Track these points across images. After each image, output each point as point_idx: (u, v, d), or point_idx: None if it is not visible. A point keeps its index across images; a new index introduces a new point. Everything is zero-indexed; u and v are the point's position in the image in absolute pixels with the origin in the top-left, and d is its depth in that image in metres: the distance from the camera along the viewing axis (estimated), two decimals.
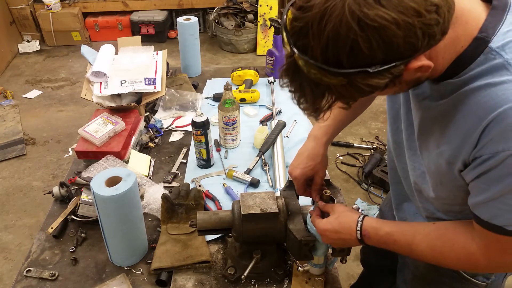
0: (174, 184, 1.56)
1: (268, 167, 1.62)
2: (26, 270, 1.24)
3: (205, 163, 1.62)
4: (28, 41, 4.88)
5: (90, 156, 1.57)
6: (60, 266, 1.26)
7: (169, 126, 1.87)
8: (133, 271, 1.25)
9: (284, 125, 1.74)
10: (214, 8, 4.65)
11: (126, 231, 1.20)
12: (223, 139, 1.71)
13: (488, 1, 0.74)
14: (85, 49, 1.91)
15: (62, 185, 1.46)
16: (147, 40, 4.29)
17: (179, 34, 2.18)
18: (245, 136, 1.79)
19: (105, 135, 1.58)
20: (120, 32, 4.83)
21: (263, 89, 2.12)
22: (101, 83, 1.78)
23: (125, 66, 1.87)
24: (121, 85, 1.77)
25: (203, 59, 3.16)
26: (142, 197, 1.44)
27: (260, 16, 4.49)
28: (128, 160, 1.60)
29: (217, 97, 2.03)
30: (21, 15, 4.75)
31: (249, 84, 2.11)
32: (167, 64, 2.06)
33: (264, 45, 4.58)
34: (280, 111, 1.95)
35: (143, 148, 1.72)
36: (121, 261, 1.26)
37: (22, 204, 2.82)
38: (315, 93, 0.70)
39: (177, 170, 1.63)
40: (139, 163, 1.61)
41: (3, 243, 2.55)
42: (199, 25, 4.69)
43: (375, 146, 3.23)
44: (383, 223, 0.94)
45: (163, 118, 1.92)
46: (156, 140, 1.78)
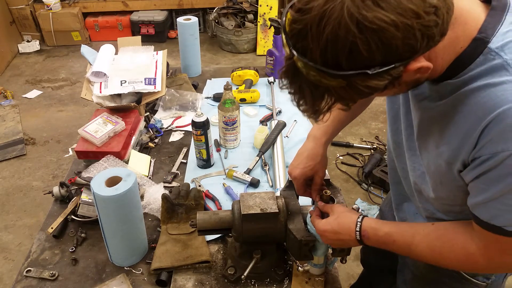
0: (174, 184, 1.56)
1: (268, 167, 1.62)
2: (26, 270, 1.24)
3: (205, 163, 1.62)
4: (28, 41, 4.88)
5: (90, 156, 1.57)
6: (60, 266, 1.26)
7: (169, 126, 1.87)
8: (133, 271, 1.25)
9: (284, 125, 1.74)
10: (214, 8, 4.65)
11: (126, 231, 1.20)
12: (223, 139, 1.72)
13: (487, 1, 0.74)
14: (85, 49, 1.91)
15: (62, 185, 1.46)
16: (147, 40, 4.30)
17: (179, 34, 2.18)
18: (245, 136, 1.79)
19: (105, 135, 1.58)
20: (120, 32, 4.83)
21: (263, 89, 2.12)
22: (101, 83, 1.78)
23: (125, 66, 1.87)
24: (121, 85, 1.77)
25: (203, 59, 3.16)
26: (142, 197, 1.44)
27: (260, 16, 4.49)
28: (128, 160, 1.60)
29: (217, 97, 2.03)
30: (21, 15, 4.75)
31: (249, 84, 2.11)
32: (167, 64, 2.06)
33: (264, 45, 4.58)
34: (280, 111, 1.95)
35: (143, 148, 1.72)
36: (121, 261, 1.26)
37: (22, 204, 2.82)
38: (314, 95, 0.70)
39: (177, 170, 1.63)
40: (139, 163, 1.61)
41: (3, 243, 2.55)
42: (199, 25, 4.70)
43: (375, 146, 3.23)
44: (382, 223, 0.94)
45: (163, 118, 1.92)
46: (156, 140, 1.78)
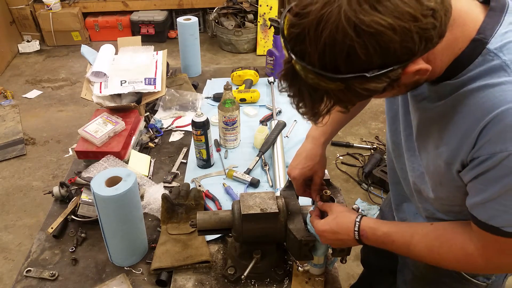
0: (174, 184, 1.56)
1: (268, 167, 1.62)
2: (26, 270, 1.24)
3: (205, 163, 1.62)
4: (28, 41, 4.88)
5: (90, 156, 1.57)
6: (60, 266, 1.27)
7: (169, 126, 1.88)
8: (133, 271, 1.25)
9: (284, 125, 1.74)
10: (214, 8, 4.64)
11: (126, 231, 1.20)
12: (223, 139, 1.72)
13: (485, 2, 0.74)
14: (85, 49, 1.91)
15: (62, 185, 1.46)
16: (147, 40, 4.30)
17: (179, 34, 2.18)
18: (245, 136, 1.79)
19: (105, 135, 1.58)
20: (120, 32, 4.83)
21: (263, 89, 2.12)
22: (101, 83, 1.78)
23: (125, 66, 1.87)
24: (121, 85, 1.77)
25: (203, 59, 3.16)
26: (142, 197, 1.44)
27: (260, 16, 4.49)
28: (128, 160, 1.60)
29: (217, 97, 2.03)
30: (21, 15, 4.75)
31: (249, 84, 2.11)
32: (167, 64, 2.06)
33: (264, 45, 4.58)
34: (280, 111, 1.95)
35: (143, 148, 1.73)
36: (121, 261, 1.26)
37: (22, 204, 2.82)
38: (313, 97, 0.70)
39: (177, 170, 1.63)
40: (139, 163, 1.61)
41: (3, 243, 2.56)
42: (199, 25, 4.69)
43: (375, 146, 3.23)
44: (381, 223, 0.94)
45: (163, 118, 1.92)
46: (156, 140, 1.78)
